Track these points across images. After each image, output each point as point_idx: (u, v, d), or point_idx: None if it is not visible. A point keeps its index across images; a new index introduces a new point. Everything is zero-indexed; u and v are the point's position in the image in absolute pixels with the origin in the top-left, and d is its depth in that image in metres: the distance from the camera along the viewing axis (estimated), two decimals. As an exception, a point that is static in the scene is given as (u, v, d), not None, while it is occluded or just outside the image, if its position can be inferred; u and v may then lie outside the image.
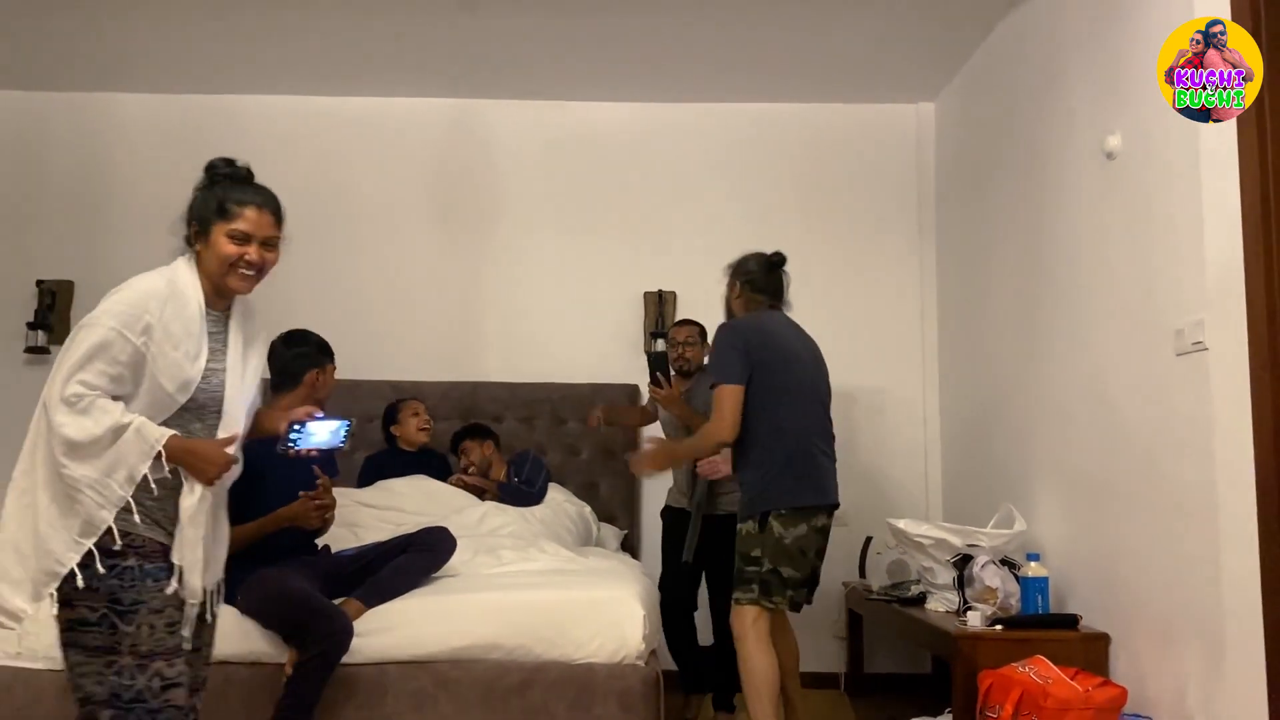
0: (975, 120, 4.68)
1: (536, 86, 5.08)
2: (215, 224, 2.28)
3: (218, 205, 2.30)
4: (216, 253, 2.26)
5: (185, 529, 2.13)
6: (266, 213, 2.33)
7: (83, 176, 5.14)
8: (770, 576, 3.27)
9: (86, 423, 2.06)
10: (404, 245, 5.17)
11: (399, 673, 2.91)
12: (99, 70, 4.91)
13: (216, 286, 2.29)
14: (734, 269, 3.66)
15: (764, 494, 3.31)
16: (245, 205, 2.30)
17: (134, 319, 2.13)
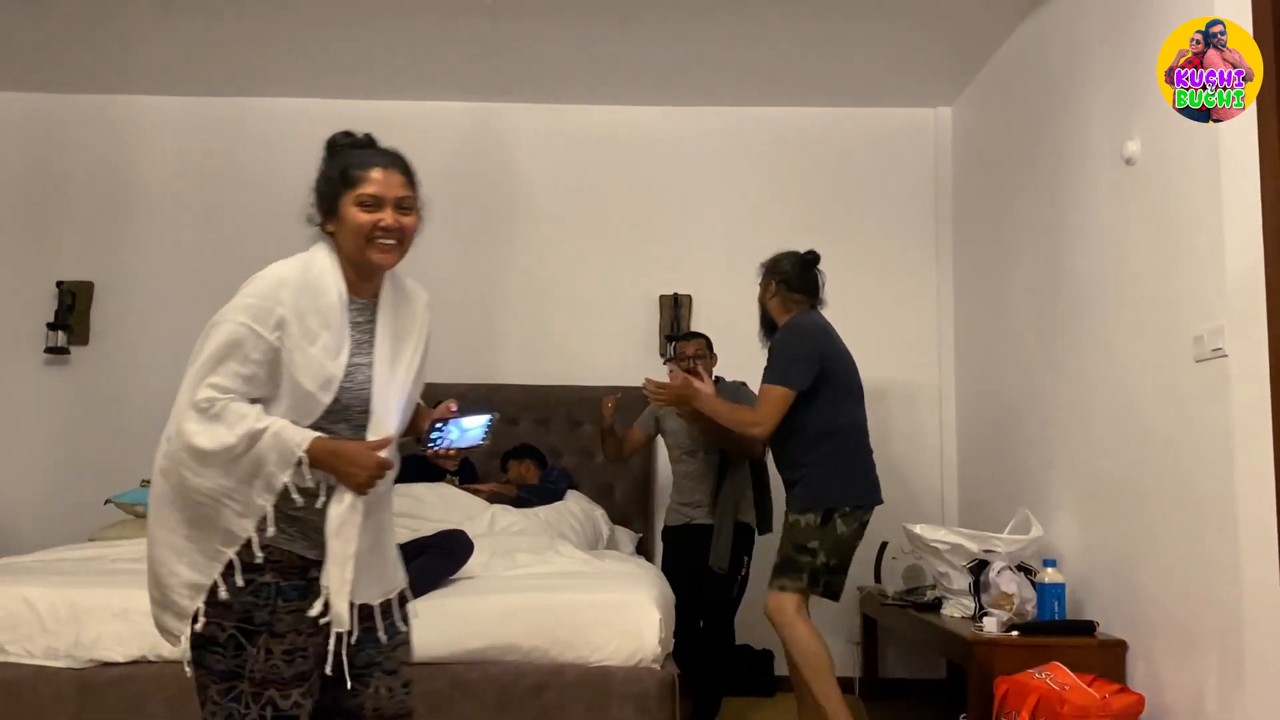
0: (993, 125, 4.67)
1: (557, 90, 5.10)
2: (342, 195, 2.05)
3: (340, 174, 2.07)
4: (349, 225, 2.02)
5: (332, 542, 1.90)
6: (395, 171, 2.08)
7: (103, 178, 5.18)
8: (821, 570, 3.39)
9: (219, 430, 1.87)
10: (423, 247, 5.08)
11: (415, 674, 2.86)
12: (120, 73, 4.95)
13: (358, 268, 2.06)
14: (768, 268, 3.67)
15: (830, 491, 3.41)
16: (370, 167, 2.06)
17: (265, 312, 1.92)
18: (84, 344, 5.06)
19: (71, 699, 2.87)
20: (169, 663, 2.90)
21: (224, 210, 5.18)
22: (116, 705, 2.87)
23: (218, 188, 5.20)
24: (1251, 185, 2.71)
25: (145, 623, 2.87)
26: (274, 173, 5.20)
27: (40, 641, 2.92)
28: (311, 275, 2.01)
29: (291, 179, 5.67)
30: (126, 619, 2.92)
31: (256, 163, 5.21)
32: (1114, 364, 3.39)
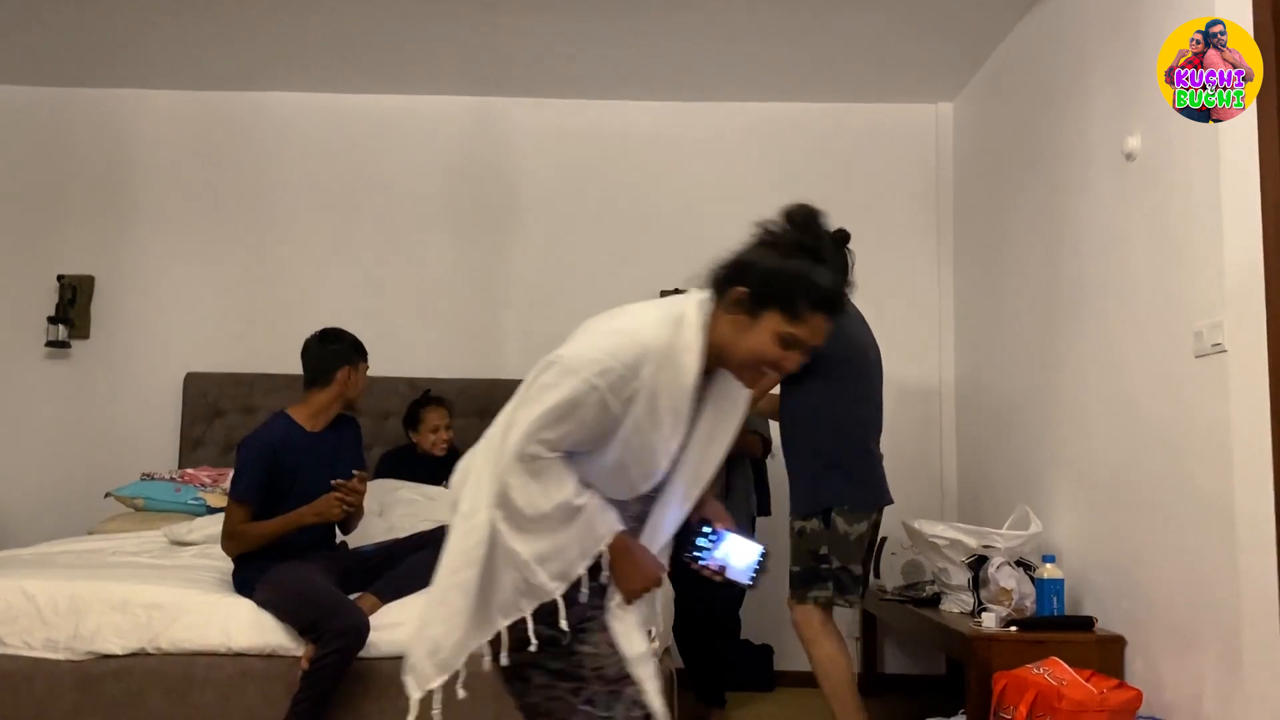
0: (994, 120, 4.66)
1: (559, 85, 5.10)
2: (778, 309, 1.75)
3: (804, 290, 1.76)
4: (755, 340, 1.75)
5: (622, 643, 1.79)
6: (827, 327, 1.80)
7: (105, 172, 5.18)
8: (842, 574, 3.27)
9: (535, 491, 1.71)
10: (424, 242, 5.19)
11: (414, 667, 2.92)
12: (122, 66, 4.95)
13: (718, 362, 1.80)
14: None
15: (824, 488, 3.29)
16: (824, 314, 1.77)
17: (622, 382, 1.70)
18: (85, 338, 5.06)
19: (70, 691, 2.88)
20: (167, 655, 2.92)
21: (225, 204, 5.18)
22: (115, 697, 2.88)
23: (219, 182, 5.20)
24: (1251, 181, 2.71)
25: (144, 615, 2.91)
26: (275, 167, 5.21)
27: (39, 633, 2.93)
28: (677, 350, 1.74)
29: (292, 172, 5.73)
30: (125, 611, 2.93)
31: (257, 157, 5.21)
32: (1113, 359, 3.39)
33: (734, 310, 1.78)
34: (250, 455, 3.06)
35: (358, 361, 3.25)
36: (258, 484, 3.03)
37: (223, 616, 2.93)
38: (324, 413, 3.20)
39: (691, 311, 1.79)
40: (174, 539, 3.79)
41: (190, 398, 4.93)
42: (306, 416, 3.17)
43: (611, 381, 1.70)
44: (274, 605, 2.97)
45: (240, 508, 3.03)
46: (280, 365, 4.86)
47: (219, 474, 4.37)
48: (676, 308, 1.81)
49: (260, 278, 5.14)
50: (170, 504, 4.20)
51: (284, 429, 3.13)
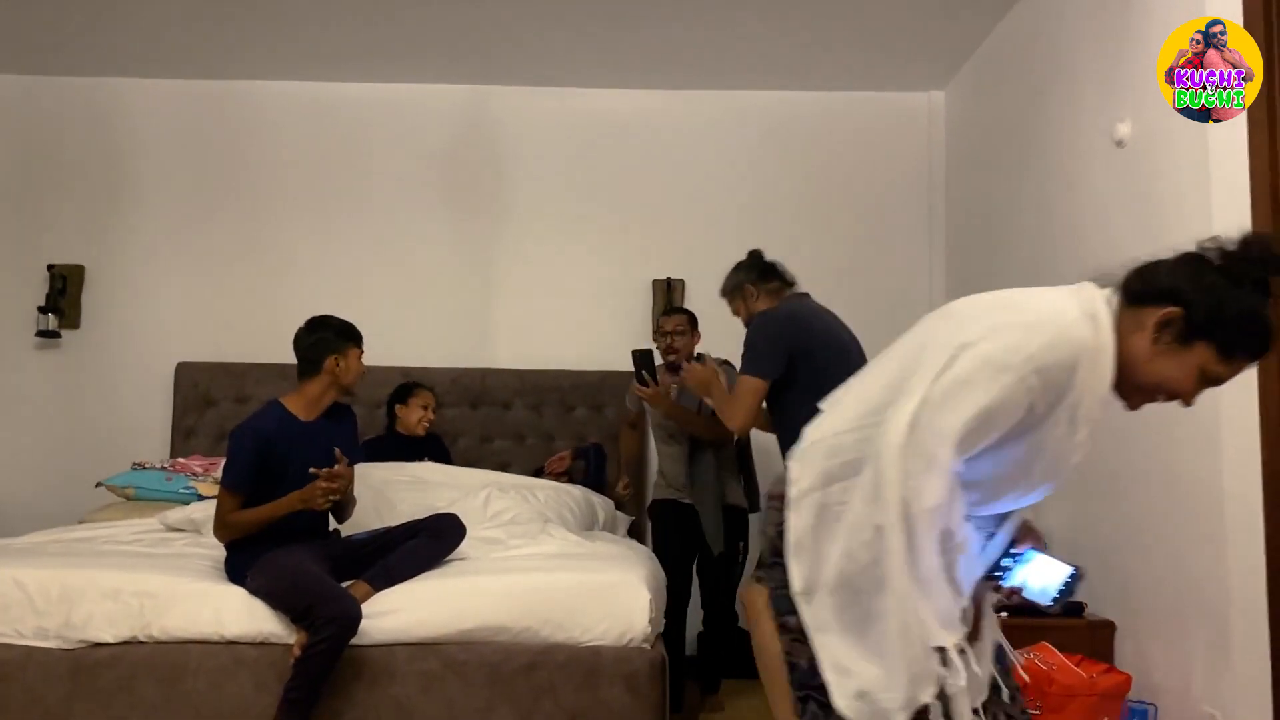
0: (985, 108, 4.67)
1: (548, 73, 5.09)
2: (1208, 345, 1.57)
3: (1234, 335, 1.55)
4: (1174, 371, 1.59)
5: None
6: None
7: (95, 161, 5.16)
8: None
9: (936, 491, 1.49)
10: (415, 231, 5.18)
11: (407, 654, 2.93)
12: (112, 55, 4.93)
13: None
14: (735, 287, 3.60)
15: None
16: (1249, 360, 1.59)
17: (1055, 387, 1.53)
18: (75, 328, 5.05)
19: (62, 679, 2.88)
20: (159, 643, 2.92)
21: (216, 193, 5.17)
22: (107, 685, 2.88)
23: (209, 171, 5.18)
24: (1240, 168, 2.71)
25: (135, 603, 2.91)
26: (266, 156, 5.19)
27: (31, 622, 2.93)
28: (1101, 350, 1.58)
29: (283, 162, 5.71)
30: (117, 599, 2.93)
31: (248, 146, 5.19)
32: (1104, 347, 3.39)
33: (1157, 331, 1.59)
34: (241, 444, 3.05)
35: (346, 348, 3.21)
36: (248, 473, 3.02)
37: (215, 604, 2.93)
38: (317, 402, 3.18)
39: (1103, 312, 1.61)
40: (169, 525, 3.78)
41: (182, 387, 4.92)
42: (300, 406, 3.16)
43: (1046, 381, 1.51)
44: (266, 593, 2.97)
45: (231, 496, 3.03)
46: (272, 354, 4.84)
47: (210, 463, 4.37)
48: (1087, 303, 1.62)
49: (252, 267, 5.12)
50: (161, 493, 4.19)
51: (277, 418, 3.12)
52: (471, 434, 4.89)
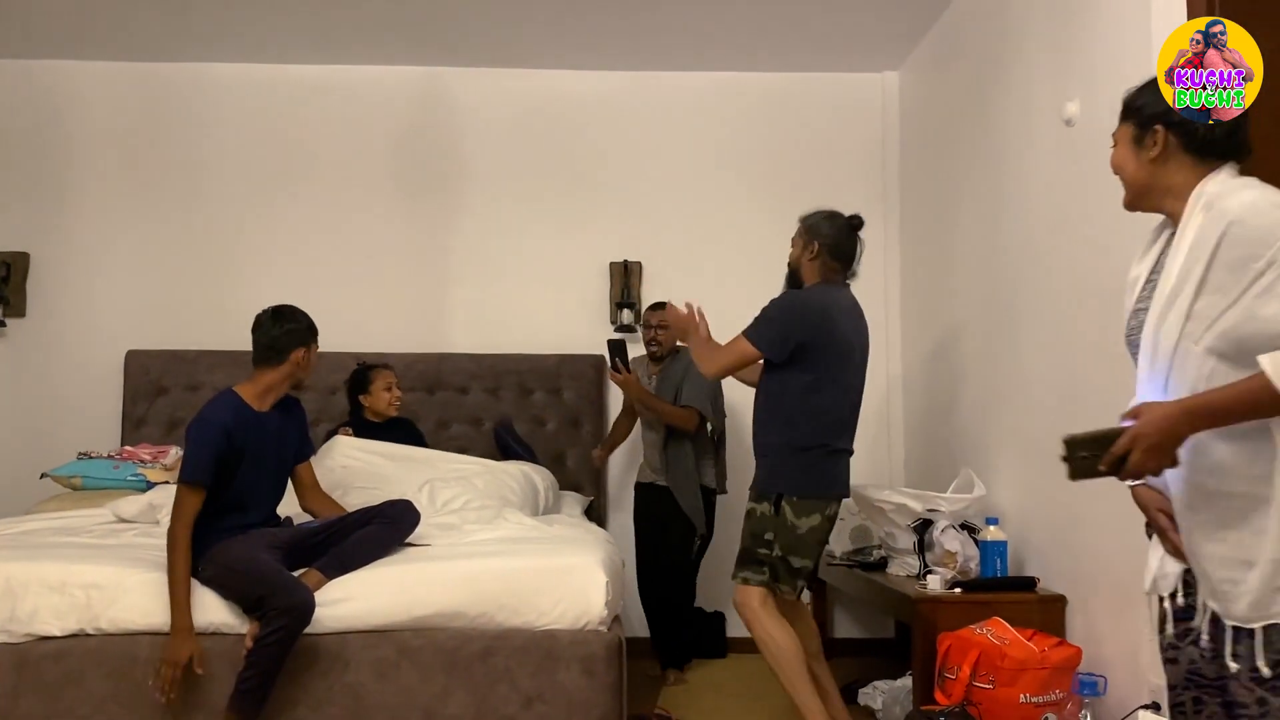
0: (938, 89, 4.68)
1: (503, 54, 5.04)
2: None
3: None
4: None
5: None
6: None
7: (38, 146, 5.05)
8: (779, 564, 3.25)
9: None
10: (369, 215, 5.12)
11: (361, 642, 2.91)
12: (55, 36, 4.81)
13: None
14: (810, 227, 3.39)
15: (781, 476, 3.27)
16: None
17: None
18: (20, 316, 4.95)
19: (7, 673, 2.83)
20: (108, 635, 2.88)
21: (164, 178, 5.08)
22: (54, 679, 2.83)
23: (157, 155, 5.08)
24: (1185, 145, 2.73)
25: (82, 595, 2.86)
26: (212, 140, 5.11)
27: None
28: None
29: (231, 145, 5.62)
30: (64, 592, 2.88)
31: (196, 129, 5.10)
32: (1054, 324, 3.43)
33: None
34: (203, 436, 2.97)
35: (310, 342, 3.17)
36: (210, 465, 2.95)
37: (165, 595, 2.88)
38: (272, 392, 3.13)
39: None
40: (125, 517, 3.71)
41: (132, 375, 4.84)
42: (254, 395, 3.11)
43: None
44: (218, 583, 2.93)
45: (193, 491, 2.93)
46: (224, 341, 4.79)
47: (159, 450, 4.30)
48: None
49: (201, 253, 5.05)
50: (109, 481, 4.12)
51: (233, 408, 3.06)
52: (428, 419, 4.86)
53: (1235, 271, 1.67)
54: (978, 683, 2.96)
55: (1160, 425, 1.69)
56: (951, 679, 3.03)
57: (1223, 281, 1.68)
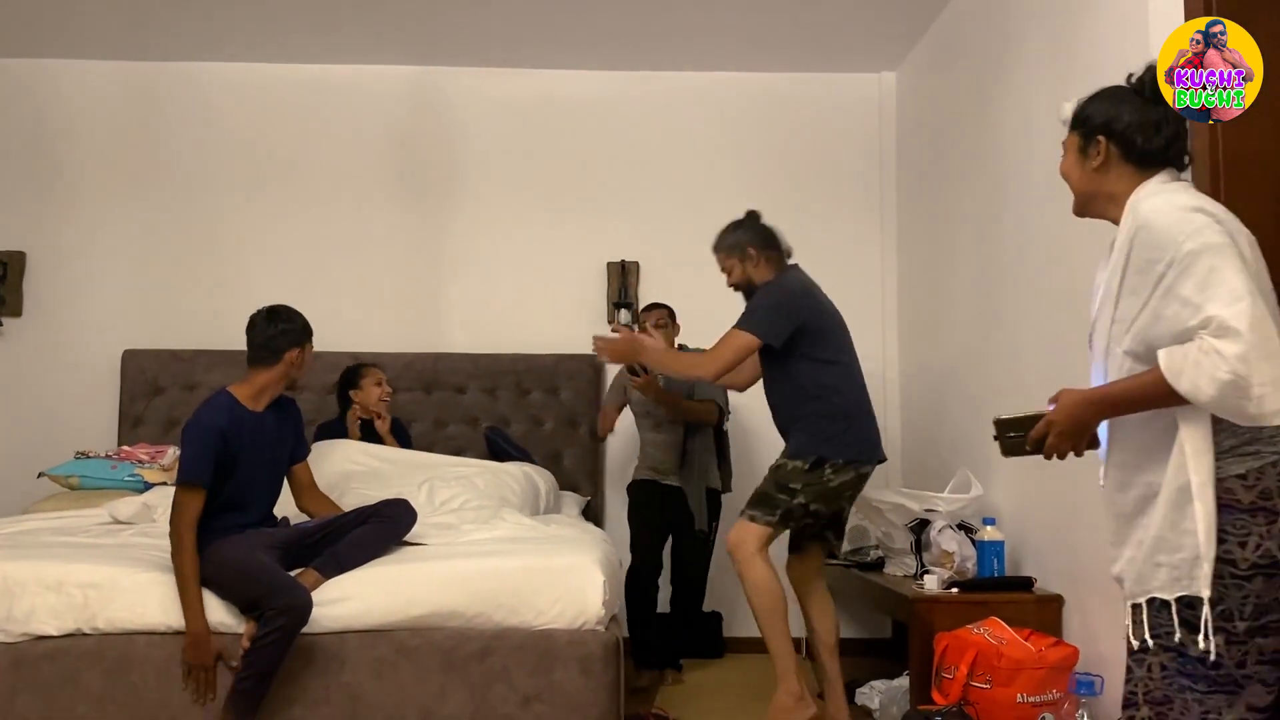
0: (936, 89, 4.69)
1: (500, 54, 5.03)
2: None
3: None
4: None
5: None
6: None
7: (35, 145, 5.04)
8: (798, 509, 3.28)
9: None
10: (365, 215, 5.12)
11: (359, 641, 2.91)
12: (53, 36, 4.81)
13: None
14: (731, 246, 3.49)
15: (824, 442, 3.30)
16: None
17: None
18: (17, 315, 4.94)
19: (4, 672, 2.83)
20: (105, 635, 2.87)
21: (160, 178, 5.07)
22: (51, 679, 2.83)
23: (152, 154, 5.08)
24: (1183, 145, 2.74)
25: (79, 595, 2.86)
26: (211, 139, 5.10)
27: None
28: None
29: (229, 145, 5.61)
30: (60, 592, 2.87)
31: (193, 129, 5.10)
32: (1053, 325, 3.43)
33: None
34: (200, 436, 2.96)
35: (304, 342, 3.16)
36: (208, 466, 2.94)
37: (161, 595, 2.88)
38: (266, 392, 3.12)
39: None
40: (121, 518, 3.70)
41: (129, 375, 4.84)
42: (249, 395, 3.10)
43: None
44: (215, 583, 2.92)
45: (193, 493, 2.92)
46: (220, 341, 4.78)
47: (156, 450, 4.30)
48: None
49: (198, 252, 5.04)
50: (106, 481, 4.12)
51: (229, 409, 3.05)
52: (425, 419, 4.85)
53: (1143, 274, 1.78)
54: (975, 682, 2.97)
55: (1070, 412, 1.88)
56: (949, 678, 3.03)
57: (1135, 284, 1.81)
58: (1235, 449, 1.74)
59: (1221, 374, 1.66)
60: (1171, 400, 1.73)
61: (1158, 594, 1.78)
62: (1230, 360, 1.66)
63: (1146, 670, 1.82)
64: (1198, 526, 1.72)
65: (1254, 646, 1.72)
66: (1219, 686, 1.73)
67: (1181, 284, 1.72)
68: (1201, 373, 1.67)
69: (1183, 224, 1.75)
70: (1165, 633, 1.78)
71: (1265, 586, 1.71)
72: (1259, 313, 1.69)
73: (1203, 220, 1.75)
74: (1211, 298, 1.69)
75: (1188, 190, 1.86)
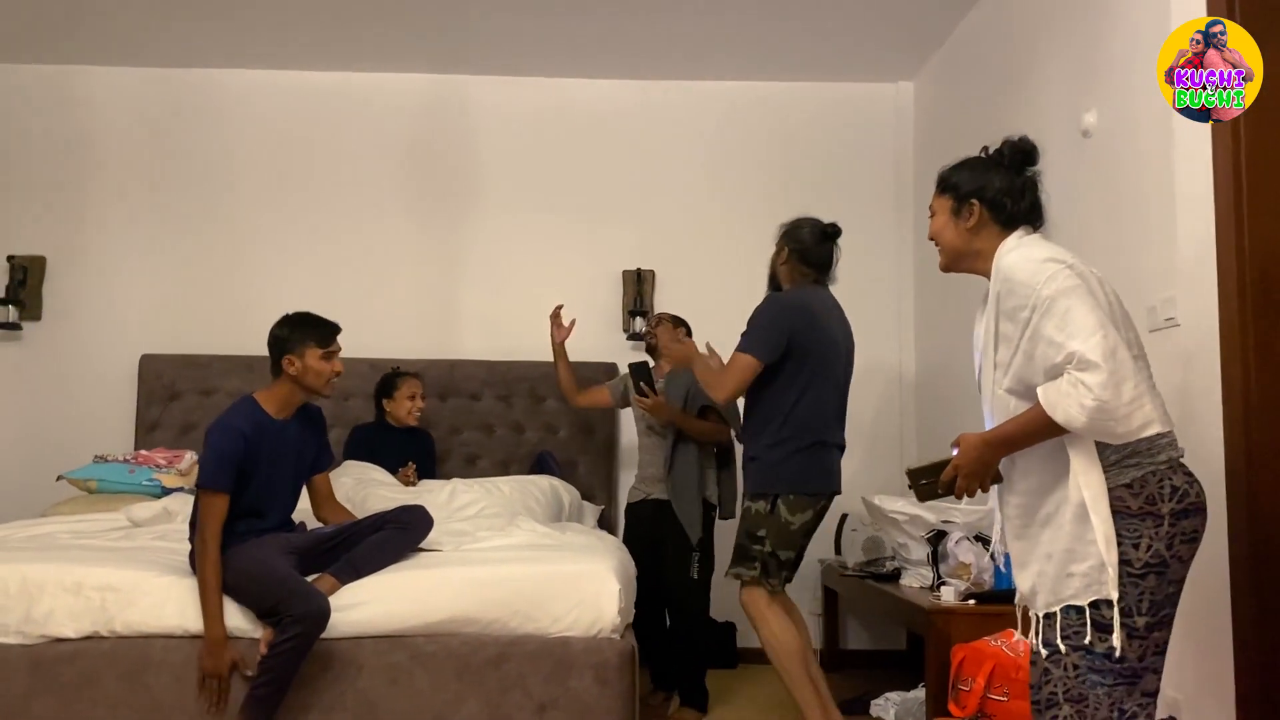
0: (953, 99, 4.68)
1: (517, 63, 5.05)
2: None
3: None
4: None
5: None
6: None
7: (56, 151, 5.08)
8: (769, 559, 3.31)
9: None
10: (382, 222, 5.14)
11: (374, 647, 2.91)
12: (75, 43, 4.85)
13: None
14: (786, 234, 3.53)
15: (778, 475, 3.32)
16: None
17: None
18: (36, 320, 4.97)
19: (22, 675, 2.83)
20: (122, 638, 2.88)
21: (179, 184, 5.10)
22: (69, 681, 2.84)
23: (172, 160, 5.11)
24: (1203, 158, 2.73)
25: (97, 597, 2.87)
26: (230, 145, 5.13)
27: None
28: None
29: (248, 151, 5.64)
30: (79, 594, 2.88)
31: (212, 135, 5.13)
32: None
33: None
34: (222, 441, 2.96)
35: (303, 349, 3.07)
36: (230, 471, 2.95)
37: (179, 598, 2.89)
38: (287, 402, 3.12)
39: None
40: (139, 521, 3.72)
41: (146, 380, 4.86)
42: (271, 403, 3.10)
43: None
44: (233, 589, 2.92)
45: (215, 497, 2.93)
46: (237, 347, 4.81)
47: (174, 455, 4.31)
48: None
49: (216, 258, 5.07)
50: (124, 485, 4.13)
51: (251, 415, 3.05)
52: (440, 425, 4.86)
53: (1012, 321, 2.03)
54: (992, 694, 2.95)
55: (970, 455, 2.10)
56: (965, 690, 3.02)
57: (1008, 331, 2.05)
58: (1119, 462, 1.97)
59: (1088, 402, 1.89)
60: (1054, 431, 1.96)
61: (1072, 601, 1.98)
62: (1094, 389, 1.89)
63: (1063, 670, 2.01)
64: (1098, 536, 1.94)
65: (1151, 641, 1.96)
66: (1123, 679, 1.96)
67: (1044, 326, 1.96)
68: (1072, 403, 1.91)
69: (1039, 273, 1.99)
70: (1075, 633, 1.99)
71: (1157, 584, 1.95)
72: (1111, 343, 1.91)
73: (1055, 268, 1.99)
74: (1071, 335, 1.92)
75: (1040, 243, 2.11)
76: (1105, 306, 1.98)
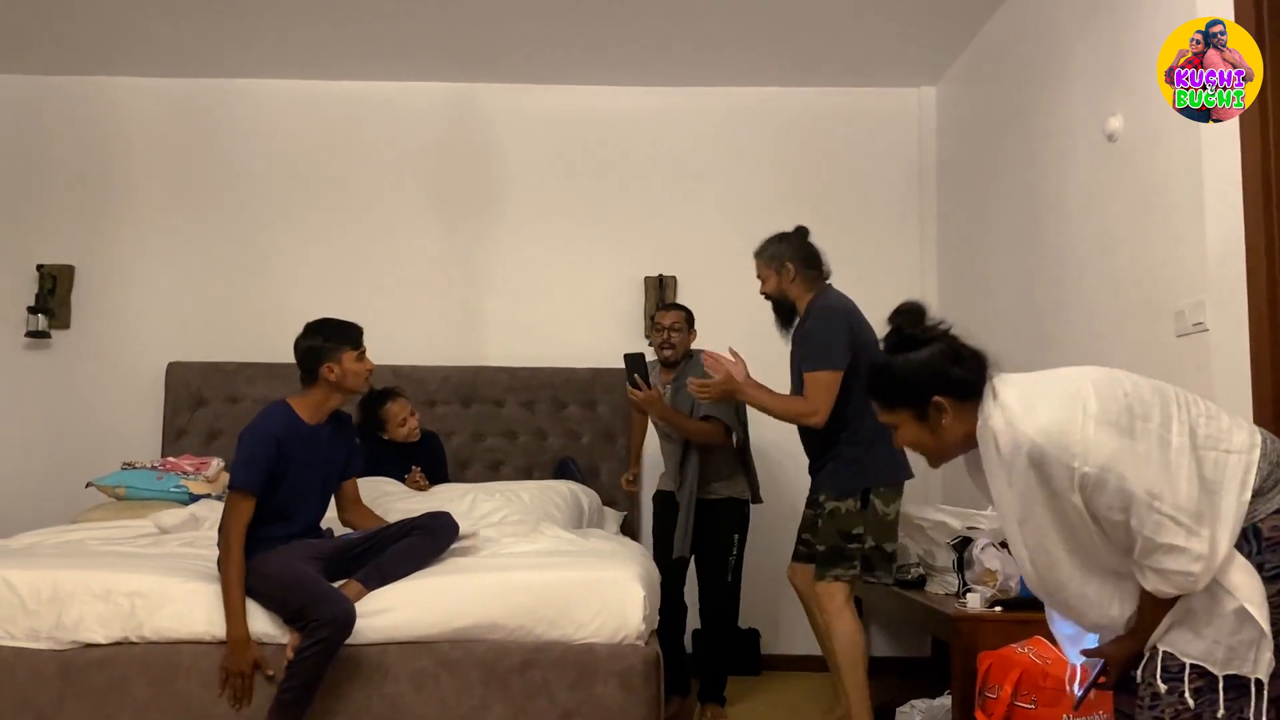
0: (977, 104, 4.67)
1: (537, 70, 5.08)
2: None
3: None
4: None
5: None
6: None
7: (83, 160, 5.14)
8: (873, 553, 3.37)
9: None
10: (405, 229, 5.17)
11: (400, 653, 2.92)
12: (99, 54, 4.91)
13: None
14: (773, 256, 3.52)
15: (864, 470, 3.36)
16: None
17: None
18: (65, 328, 5.03)
19: (53, 680, 2.85)
20: (151, 644, 2.89)
21: (206, 192, 5.15)
22: (99, 686, 2.86)
23: (199, 170, 5.16)
24: (1231, 161, 2.71)
25: (127, 603, 2.89)
26: (255, 154, 5.18)
27: (22, 623, 2.90)
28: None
29: (274, 160, 5.70)
30: (108, 600, 2.90)
31: (238, 144, 5.18)
32: (1095, 339, 3.40)
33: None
34: (255, 443, 2.98)
35: (339, 355, 3.12)
36: (261, 472, 2.97)
37: (207, 604, 2.91)
38: (320, 407, 3.14)
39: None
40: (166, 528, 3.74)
41: (173, 387, 4.90)
42: (305, 409, 3.12)
43: None
44: (260, 593, 2.94)
45: (244, 498, 2.95)
46: (263, 354, 4.84)
47: (201, 462, 4.35)
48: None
49: (242, 266, 5.11)
50: (152, 492, 4.17)
51: (284, 419, 3.08)
52: (463, 432, 4.88)
53: (1051, 482, 2.00)
54: (1019, 702, 2.92)
55: (1120, 653, 2.14)
56: (992, 698, 3.00)
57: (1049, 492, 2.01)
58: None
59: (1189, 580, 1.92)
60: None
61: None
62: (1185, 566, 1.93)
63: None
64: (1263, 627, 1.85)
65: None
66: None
67: (1097, 496, 1.92)
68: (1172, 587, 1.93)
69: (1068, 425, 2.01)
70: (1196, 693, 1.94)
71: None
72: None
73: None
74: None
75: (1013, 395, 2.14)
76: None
